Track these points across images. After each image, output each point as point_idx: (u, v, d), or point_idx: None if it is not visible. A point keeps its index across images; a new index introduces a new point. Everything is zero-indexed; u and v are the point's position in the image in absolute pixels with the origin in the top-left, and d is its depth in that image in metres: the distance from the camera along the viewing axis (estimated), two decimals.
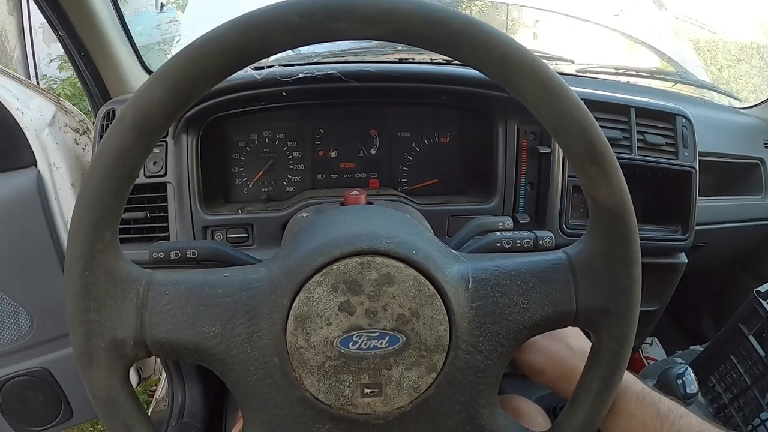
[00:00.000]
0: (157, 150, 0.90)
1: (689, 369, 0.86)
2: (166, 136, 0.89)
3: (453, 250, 0.54)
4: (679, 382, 0.84)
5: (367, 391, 0.46)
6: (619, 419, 0.57)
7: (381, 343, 0.45)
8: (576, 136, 0.44)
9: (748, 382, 1.12)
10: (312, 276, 0.45)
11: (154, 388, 1.61)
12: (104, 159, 0.40)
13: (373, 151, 1.04)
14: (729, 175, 1.43)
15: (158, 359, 1.32)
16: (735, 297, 1.57)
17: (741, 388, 1.14)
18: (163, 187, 0.91)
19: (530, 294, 0.50)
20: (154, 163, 0.90)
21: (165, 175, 0.91)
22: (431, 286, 0.46)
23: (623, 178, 0.46)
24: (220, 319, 0.46)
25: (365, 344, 0.45)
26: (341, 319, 0.45)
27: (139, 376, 1.31)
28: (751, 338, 1.12)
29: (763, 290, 1.12)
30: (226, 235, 0.93)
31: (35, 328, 1.02)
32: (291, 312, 0.45)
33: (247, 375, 0.47)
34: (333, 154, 1.04)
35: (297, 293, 0.45)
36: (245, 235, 0.93)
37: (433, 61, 1.16)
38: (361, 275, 0.45)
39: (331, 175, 1.04)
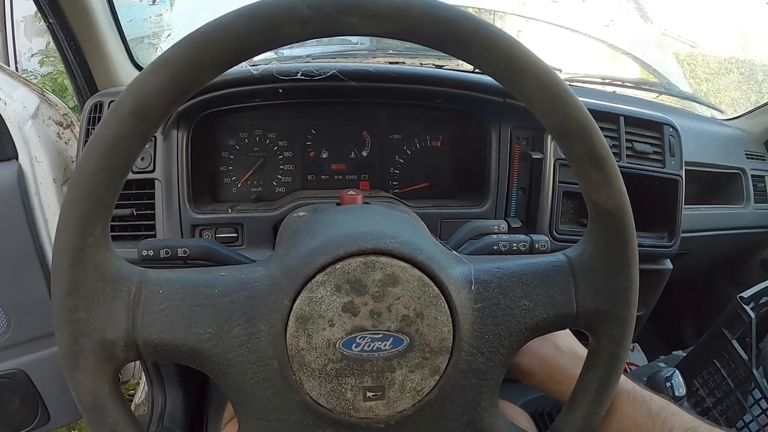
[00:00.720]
0: (145, 145, 0.88)
1: (677, 372, 0.87)
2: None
3: (454, 252, 0.54)
4: (668, 384, 0.85)
5: (369, 394, 0.45)
6: (612, 418, 0.57)
7: (385, 345, 0.44)
8: (578, 139, 0.44)
9: (731, 386, 1.14)
10: (314, 275, 0.43)
11: (133, 392, 1.57)
12: (98, 147, 0.39)
13: (364, 153, 1.04)
14: (712, 184, 1.47)
15: (138, 362, 1.29)
16: (716, 303, 1.60)
17: (724, 391, 1.16)
18: (150, 183, 0.89)
19: (532, 296, 0.49)
20: (142, 159, 0.88)
21: (153, 171, 0.89)
22: (435, 287, 0.45)
23: (622, 181, 0.47)
24: (217, 320, 0.44)
25: (368, 346, 0.44)
26: (344, 320, 0.44)
27: (118, 379, 1.28)
28: (735, 342, 1.14)
29: (746, 296, 1.14)
30: (215, 234, 0.91)
31: (12, 329, 0.99)
32: (292, 313, 0.43)
33: (244, 379, 0.45)
34: (324, 155, 1.03)
35: (298, 293, 0.43)
36: (235, 234, 0.92)
37: (423, 65, 1.16)
38: (365, 275, 0.44)
39: (322, 176, 1.03)
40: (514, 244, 0.70)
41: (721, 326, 1.16)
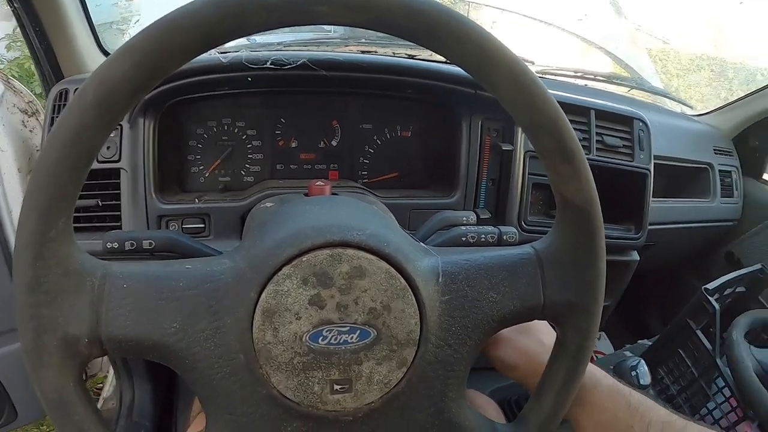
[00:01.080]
0: (111, 134, 0.86)
1: (642, 361, 0.89)
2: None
3: (422, 243, 0.54)
4: (633, 374, 0.87)
5: (336, 387, 0.45)
6: (593, 413, 0.58)
7: (352, 338, 0.44)
8: (548, 132, 0.44)
9: (695, 374, 1.17)
10: (281, 268, 0.43)
11: (101, 385, 1.55)
12: (61, 137, 0.37)
13: (334, 143, 1.03)
14: (679, 178, 1.50)
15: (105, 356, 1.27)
16: (681, 294, 1.64)
17: (688, 380, 1.19)
18: (116, 173, 0.87)
19: (499, 288, 0.50)
20: (108, 148, 0.86)
21: (119, 160, 0.87)
22: (403, 280, 0.45)
23: (591, 175, 0.47)
24: (182, 314, 0.44)
25: (335, 339, 0.44)
26: (311, 313, 0.43)
27: (85, 373, 1.26)
28: (699, 333, 1.17)
29: (710, 287, 1.17)
30: (182, 225, 0.90)
31: None
32: (258, 306, 0.43)
33: (210, 373, 0.44)
34: (293, 144, 1.02)
35: (264, 286, 0.43)
36: (202, 225, 0.90)
37: (396, 54, 1.15)
38: (332, 268, 0.43)
39: (291, 166, 1.02)
40: (483, 236, 0.71)
41: (686, 317, 1.19)
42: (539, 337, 0.65)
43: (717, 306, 1.13)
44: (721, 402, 1.12)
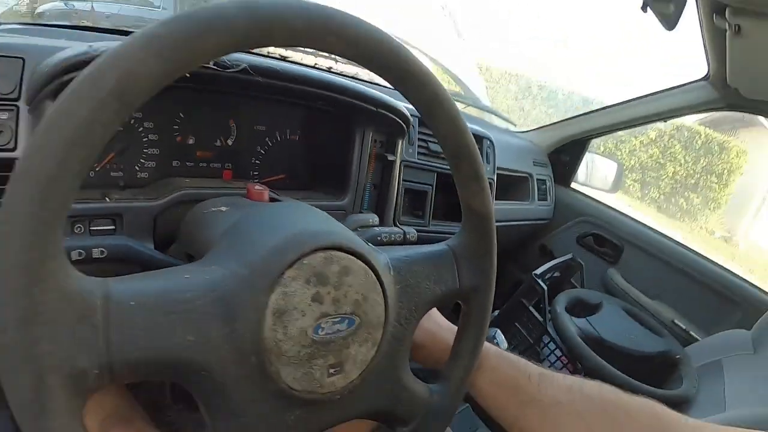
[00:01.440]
0: (4, 116, 0.73)
1: (499, 331, 1.10)
2: (17, 99, 0.74)
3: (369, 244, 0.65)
4: (495, 342, 1.06)
5: (331, 371, 0.50)
6: (486, 373, 0.72)
7: (342, 327, 0.51)
8: (467, 160, 0.58)
9: (530, 341, 1.44)
10: (284, 272, 0.46)
11: None
12: (68, 132, 0.33)
13: (230, 142, 1.03)
14: (506, 184, 1.77)
15: None
16: (504, 280, 1.94)
17: (526, 345, 1.45)
18: (9, 164, 0.75)
19: (431, 277, 0.62)
20: (1, 133, 0.74)
21: (14, 149, 0.75)
22: (373, 275, 0.53)
23: (490, 192, 0.62)
24: (195, 326, 0.43)
25: (331, 329, 0.49)
26: (313, 309, 0.48)
27: None
28: (531, 309, 1.44)
29: (538, 272, 1.45)
30: (89, 226, 0.80)
31: None
32: (268, 308, 0.45)
33: (223, 380, 0.45)
34: (191, 141, 0.98)
35: (273, 289, 0.46)
36: (112, 227, 0.81)
37: (285, 58, 1.21)
38: (326, 268, 0.49)
39: (187, 163, 0.99)
40: (392, 236, 0.84)
41: (519, 297, 1.45)
42: (437, 320, 0.79)
43: (545, 287, 1.41)
44: (554, 361, 1.38)
